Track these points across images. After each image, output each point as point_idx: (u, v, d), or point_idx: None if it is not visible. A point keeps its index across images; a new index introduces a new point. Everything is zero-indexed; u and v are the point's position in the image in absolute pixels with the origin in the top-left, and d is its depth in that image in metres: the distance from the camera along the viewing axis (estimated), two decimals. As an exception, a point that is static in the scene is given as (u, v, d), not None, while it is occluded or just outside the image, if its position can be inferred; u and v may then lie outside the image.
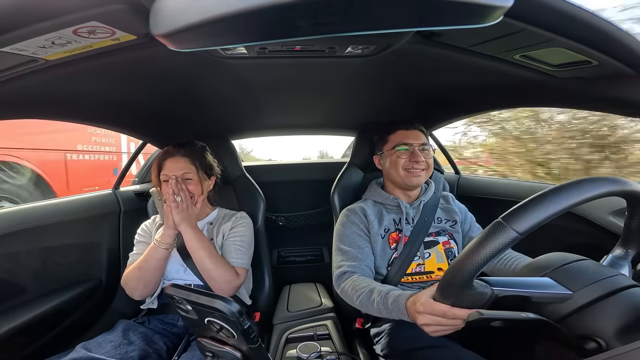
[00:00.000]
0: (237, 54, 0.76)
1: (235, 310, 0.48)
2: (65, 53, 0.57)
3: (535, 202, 0.50)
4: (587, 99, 0.80)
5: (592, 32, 0.54)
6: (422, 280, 1.05)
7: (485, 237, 0.50)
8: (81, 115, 1.07)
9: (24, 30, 0.46)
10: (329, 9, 0.39)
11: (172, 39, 0.44)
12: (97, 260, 1.40)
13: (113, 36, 0.54)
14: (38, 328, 1.09)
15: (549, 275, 0.58)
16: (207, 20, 0.38)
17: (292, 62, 0.84)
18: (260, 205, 1.40)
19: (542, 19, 0.53)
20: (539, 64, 0.71)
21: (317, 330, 1.06)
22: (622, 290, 0.53)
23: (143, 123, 1.30)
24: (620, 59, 0.60)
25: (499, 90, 0.99)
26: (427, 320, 0.63)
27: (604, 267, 0.60)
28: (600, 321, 0.51)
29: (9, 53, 0.52)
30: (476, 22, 0.42)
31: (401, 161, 1.11)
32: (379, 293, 0.82)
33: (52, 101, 0.88)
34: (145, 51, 0.64)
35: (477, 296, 0.53)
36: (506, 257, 1.00)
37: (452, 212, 1.17)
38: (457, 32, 0.64)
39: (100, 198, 1.48)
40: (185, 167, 1.14)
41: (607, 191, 0.53)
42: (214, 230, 1.20)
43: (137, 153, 1.71)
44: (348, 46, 0.74)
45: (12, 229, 1.09)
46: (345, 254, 1.05)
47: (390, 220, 1.11)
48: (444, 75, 0.93)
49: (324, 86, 1.08)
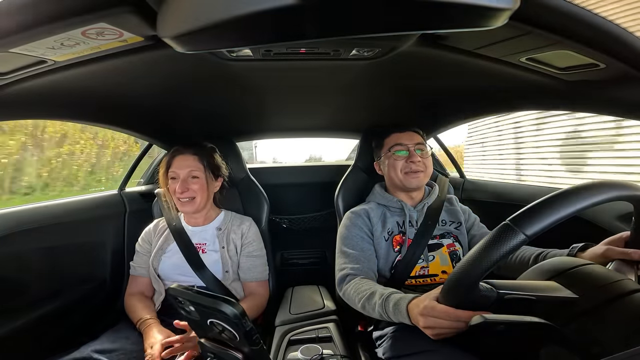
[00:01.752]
0: (242, 56, 0.77)
1: (238, 312, 0.48)
2: (74, 54, 0.58)
3: (544, 205, 0.50)
4: (594, 102, 0.80)
5: (600, 34, 0.54)
6: (425, 283, 1.04)
7: (493, 239, 0.50)
8: (89, 116, 1.08)
9: (33, 31, 0.47)
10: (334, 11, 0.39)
11: (179, 41, 0.44)
12: (102, 261, 1.40)
13: (121, 38, 0.54)
14: (42, 327, 1.10)
15: (555, 279, 0.57)
16: (214, 23, 0.39)
17: (297, 65, 0.85)
18: (264, 208, 1.40)
19: (548, 22, 0.53)
20: (545, 67, 0.70)
21: (319, 333, 1.05)
22: (628, 294, 0.52)
23: (149, 124, 1.31)
24: (628, 62, 0.59)
25: (505, 93, 0.98)
26: (430, 323, 0.62)
27: (610, 271, 0.60)
28: (605, 326, 0.50)
29: (18, 54, 0.53)
30: (482, 25, 0.42)
31: (399, 164, 1.11)
32: (380, 296, 0.82)
33: (60, 102, 0.89)
34: (152, 53, 0.65)
35: (482, 298, 0.53)
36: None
37: (456, 214, 1.16)
38: (462, 34, 0.64)
39: (106, 198, 1.50)
40: (193, 165, 1.15)
41: (615, 196, 0.52)
42: (224, 237, 1.20)
43: (143, 154, 1.72)
44: (353, 49, 0.74)
45: (18, 228, 1.10)
46: (348, 256, 1.04)
47: (393, 223, 1.11)
48: (449, 77, 0.93)
49: (328, 88, 1.08)
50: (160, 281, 1.15)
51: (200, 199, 1.15)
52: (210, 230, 1.22)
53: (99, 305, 1.36)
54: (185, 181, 1.13)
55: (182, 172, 1.13)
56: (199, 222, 1.23)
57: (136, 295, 1.14)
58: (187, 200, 1.13)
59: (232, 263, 1.17)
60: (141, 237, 1.24)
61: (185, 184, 1.12)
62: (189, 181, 1.13)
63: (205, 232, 1.21)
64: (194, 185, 1.13)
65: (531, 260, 0.92)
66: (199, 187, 1.14)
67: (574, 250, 0.80)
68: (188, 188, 1.12)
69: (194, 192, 1.13)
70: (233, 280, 1.18)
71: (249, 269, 1.19)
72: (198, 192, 1.14)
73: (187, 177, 1.13)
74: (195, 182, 1.14)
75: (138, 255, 1.21)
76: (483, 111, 1.24)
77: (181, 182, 1.12)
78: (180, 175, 1.13)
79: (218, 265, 1.15)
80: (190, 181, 1.13)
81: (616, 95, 0.71)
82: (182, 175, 1.13)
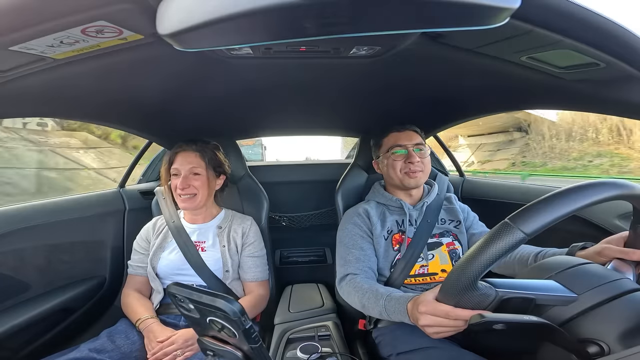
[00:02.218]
0: (242, 54, 0.77)
1: (237, 309, 0.48)
2: (73, 52, 0.58)
3: (544, 204, 0.50)
4: (594, 102, 0.80)
5: (600, 34, 0.54)
6: (425, 282, 1.05)
7: (492, 237, 0.50)
8: (88, 114, 1.08)
9: (32, 29, 0.47)
10: (335, 9, 0.39)
11: (179, 39, 0.44)
12: (102, 258, 1.40)
13: (120, 35, 0.54)
14: (42, 325, 1.10)
15: (554, 278, 0.58)
16: (214, 21, 0.39)
17: (297, 63, 0.85)
18: (263, 206, 1.40)
19: (549, 21, 0.53)
20: (545, 66, 0.70)
21: (318, 331, 1.06)
22: (626, 294, 0.53)
23: (148, 122, 1.31)
24: (628, 62, 0.59)
25: (505, 92, 0.98)
26: (429, 321, 0.62)
27: (608, 270, 0.60)
28: (604, 325, 0.50)
29: (17, 52, 0.53)
30: (483, 24, 0.42)
31: (397, 164, 1.11)
32: (380, 295, 0.82)
33: (60, 99, 0.88)
34: (152, 51, 0.64)
35: (481, 297, 0.53)
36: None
37: (455, 212, 1.17)
38: (463, 33, 0.64)
39: (105, 196, 1.50)
40: (195, 161, 1.15)
41: (615, 194, 0.52)
42: (224, 235, 1.20)
43: (142, 152, 1.72)
44: (353, 47, 0.73)
45: (18, 226, 1.10)
46: (347, 255, 1.04)
47: (393, 222, 1.11)
48: (449, 76, 0.93)
49: (328, 87, 1.08)
50: (158, 280, 1.15)
51: (201, 196, 1.15)
52: (211, 229, 1.22)
53: (98, 304, 1.37)
54: (187, 177, 1.13)
55: (184, 169, 1.13)
56: (198, 220, 1.23)
57: (134, 294, 1.14)
58: (188, 196, 1.13)
59: (232, 262, 1.17)
60: (139, 236, 1.24)
61: (187, 180, 1.13)
62: (191, 178, 1.14)
63: (205, 230, 1.21)
64: (195, 182, 1.14)
65: (530, 259, 0.93)
66: (200, 184, 1.15)
67: (574, 250, 0.80)
68: (189, 184, 1.13)
69: (195, 188, 1.14)
70: (233, 279, 1.18)
71: (249, 268, 1.20)
72: (199, 188, 1.14)
73: (189, 173, 1.14)
74: (196, 179, 1.14)
75: (136, 253, 1.21)
76: (483, 110, 1.24)
77: (182, 178, 1.12)
78: (182, 172, 1.13)
79: (218, 264, 1.15)
80: (191, 178, 1.14)
81: (616, 95, 0.71)
82: (183, 171, 1.13)
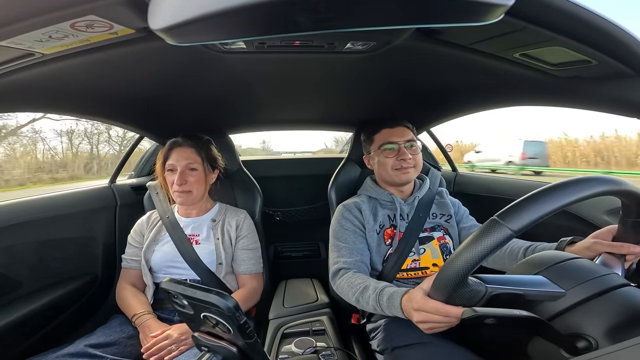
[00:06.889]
0: (236, 49, 0.76)
1: (232, 305, 0.48)
2: (63, 47, 0.56)
3: (530, 201, 0.50)
4: (586, 99, 0.80)
5: (593, 31, 0.54)
6: (417, 276, 1.06)
7: (480, 234, 0.50)
8: (80, 108, 1.06)
9: (20, 24, 0.46)
10: (329, 4, 0.39)
11: (171, 33, 0.43)
12: (93, 255, 1.39)
13: (111, 30, 0.53)
14: (34, 322, 1.09)
15: (543, 274, 0.58)
16: (206, 15, 0.38)
17: (291, 58, 0.84)
18: (257, 200, 1.40)
19: (543, 18, 0.53)
20: (538, 63, 0.70)
21: (312, 326, 1.07)
22: (614, 289, 0.54)
23: (141, 117, 1.29)
24: (620, 59, 0.60)
25: (498, 88, 0.99)
26: (422, 318, 0.63)
27: (597, 265, 0.61)
28: (591, 320, 0.51)
29: (5, 47, 0.52)
30: (477, 20, 0.42)
31: (389, 161, 1.10)
32: (374, 290, 0.83)
33: (49, 95, 0.87)
34: (144, 45, 0.63)
35: (472, 293, 0.53)
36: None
37: (446, 207, 1.18)
38: (457, 29, 0.64)
39: (96, 192, 1.48)
40: (191, 157, 1.15)
41: (603, 190, 0.53)
42: (218, 228, 1.20)
43: (133, 147, 1.70)
44: (347, 42, 0.73)
45: (8, 222, 1.09)
46: (340, 250, 1.05)
47: (385, 216, 1.12)
48: (443, 72, 0.93)
49: (322, 82, 1.07)
50: (151, 274, 1.14)
51: (197, 191, 1.15)
52: (205, 222, 1.22)
53: (92, 300, 1.36)
54: (184, 173, 1.13)
55: (180, 165, 1.13)
56: (192, 213, 1.23)
57: (129, 289, 1.13)
58: (185, 192, 1.13)
59: (226, 255, 1.16)
60: (133, 230, 1.24)
61: (184, 176, 1.12)
62: (187, 173, 1.14)
63: (200, 223, 1.21)
64: (191, 178, 1.14)
65: (520, 253, 0.94)
66: (197, 180, 1.15)
67: (563, 244, 0.82)
68: (186, 180, 1.13)
69: (192, 184, 1.14)
70: (227, 273, 1.18)
71: (243, 261, 1.20)
72: (195, 184, 1.14)
73: (185, 169, 1.14)
74: (193, 175, 1.14)
75: (130, 247, 1.21)
76: (476, 106, 1.25)
77: (179, 174, 1.12)
78: (179, 168, 1.13)
79: (212, 257, 1.15)
80: (188, 173, 1.14)
81: (607, 92, 0.72)
82: (180, 167, 1.13)
